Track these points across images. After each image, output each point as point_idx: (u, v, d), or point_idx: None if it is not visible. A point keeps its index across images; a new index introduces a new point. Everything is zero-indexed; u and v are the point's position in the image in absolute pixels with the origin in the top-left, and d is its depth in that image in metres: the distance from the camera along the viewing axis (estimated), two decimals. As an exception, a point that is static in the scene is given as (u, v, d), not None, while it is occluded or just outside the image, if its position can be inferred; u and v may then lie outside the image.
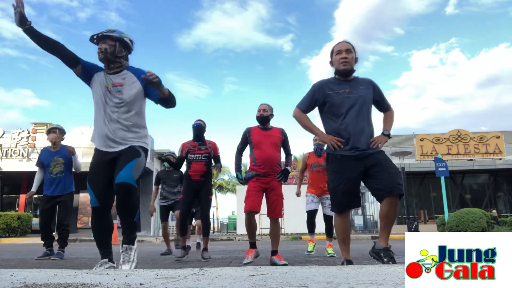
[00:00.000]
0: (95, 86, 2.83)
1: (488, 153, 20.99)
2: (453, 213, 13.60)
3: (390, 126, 3.08)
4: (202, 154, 4.64)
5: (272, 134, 3.93)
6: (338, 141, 2.83)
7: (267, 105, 4.02)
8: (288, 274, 1.79)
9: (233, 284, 1.51)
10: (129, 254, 2.68)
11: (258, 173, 3.79)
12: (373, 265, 2.45)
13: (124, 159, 2.69)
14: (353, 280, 1.56)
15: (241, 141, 4.03)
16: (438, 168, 14.06)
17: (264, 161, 3.79)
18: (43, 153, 5.09)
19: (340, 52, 2.95)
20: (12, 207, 20.38)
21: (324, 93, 2.97)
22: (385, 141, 2.93)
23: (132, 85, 2.82)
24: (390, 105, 3.14)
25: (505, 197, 22.04)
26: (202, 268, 2.05)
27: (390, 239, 2.98)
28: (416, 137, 21.80)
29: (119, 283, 1.56)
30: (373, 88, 3.02)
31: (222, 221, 29.55)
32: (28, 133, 20.78)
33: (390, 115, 3.13)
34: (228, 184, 35.28)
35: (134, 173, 2.67)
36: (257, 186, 3.78)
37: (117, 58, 2.83)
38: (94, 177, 2.77)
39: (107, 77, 2.83)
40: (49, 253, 4.88)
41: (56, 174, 4.93)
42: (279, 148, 3.95)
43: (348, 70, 2.95)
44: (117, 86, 2.79)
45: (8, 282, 1.60)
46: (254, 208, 3.75)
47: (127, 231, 2.73)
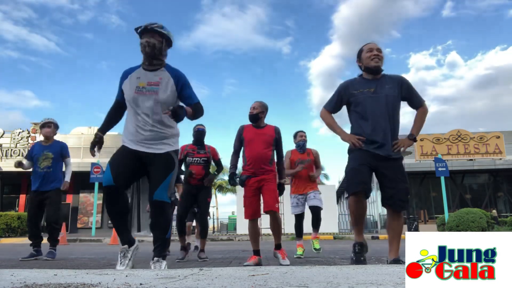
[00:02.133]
0: (126, 90, 2.79)
1: (488, 153, 20.99)
2: (453, 213, 13.61)
3: (417, 129, 3.03)
4: (200, 157, 4.64)
5: (265, 133, 3.84)
6: (358, 139, 2.85)
7: (258, 103, 3.92)
8: (288, 274, 1.79)
9: (233, 284, 1.51)
10: (160, 264, 2.67)
11: (249, 175, 3.73)
12: (373, 265, 2.45)
13: (160, 173, 2.69)
14: (353, 280, 1.56)
15: (236, 140, 3.94)
16: (438, 168, 14.07)
17: (253, 159, 3.72)
18: (35, 146, 4.96)
19: (372, 49, 2.98)
20: (12, 207, 20.36)
21: (349, 92, 3.00)
22: (409, 145, 2.93)
23: (167, 85, 2.76)
24: (422, 102, 3.05)
25: (505, 197, 22.04)
26: (202, 268, 2.05)
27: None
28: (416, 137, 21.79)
29: (119, 283, 1.56)
30: (401, 85, 3.00)
31: (222, 221, 29.55)
32: (28, 133, 20.79)
33: (421, 114, 3.05)
34: (228, 184, 35.27)
35: (169, 190, 2.73)
36: (251, 191, 3.72)
37: (160, 56, 2.80)
38: (116, 159, 2.72)
39: (143, 75, 2.77)
40: (35, 253, 4.69)
41: (42, 169, 4.75)
42: (271, 146, 3.82)
43: (379, 66, 2.96)
44: (153, 85, 2.74)
45: (8, 282, 1.60)
46: (254, 216, 3.73)
47: (160, 247, 2.72)
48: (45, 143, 4.95)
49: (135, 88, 2.73)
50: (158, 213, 2.71)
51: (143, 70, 2.80)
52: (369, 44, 3.05)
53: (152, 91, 2.72)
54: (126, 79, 2.81)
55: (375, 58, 2.94)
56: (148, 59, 2.78)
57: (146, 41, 2.72)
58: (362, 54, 3.03)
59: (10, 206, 20.43)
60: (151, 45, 2.72)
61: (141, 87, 2.73)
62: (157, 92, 2.72)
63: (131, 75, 2.80)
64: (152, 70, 2.79)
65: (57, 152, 4.89)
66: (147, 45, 2.71)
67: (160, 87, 2.73)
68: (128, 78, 2.80)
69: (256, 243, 3.77)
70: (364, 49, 3.04)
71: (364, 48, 3.05)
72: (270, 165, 3.78)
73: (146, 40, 2.72)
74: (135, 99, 2.72)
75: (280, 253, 3.78)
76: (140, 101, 2.71)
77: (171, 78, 2.78)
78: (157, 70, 2.80)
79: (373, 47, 3.00)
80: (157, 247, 2.71)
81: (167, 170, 2.72)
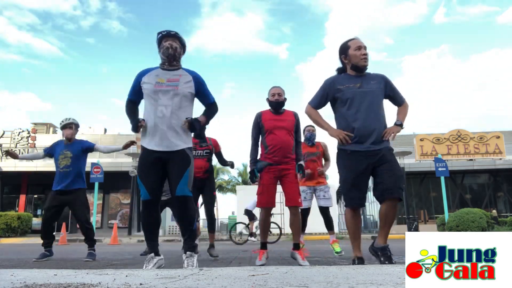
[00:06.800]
0: (145, 85, 2.97)
1: (488, 153, 20.97)
2: (453, 213, 13.59)
3: (403, 117, 3.07)
4: (203, 150, 4.66)
5: (285, 119, 3.66)
6: (346, 135, 2.85)
7: (280, 88, 3.73)
8: (288, 274, 1.79)
9: (233, 284, 1.51)
10: (192, 260, 2.87)
11: (270, 163, 3.55)
12: (373, 265, 2.45)
13: (179, 168, 2.87)
14: (353, 280, 1.56)
15: (253, 128, 3.72)
16: (438, 168, 14.05)
17: (277, 147, 3.53)
18: (57, 144, 4.94)
19: (360, 48, 2.96)
20: (12, 207, 20.35)
21: (335, 88, 3.00)
22: (398, 131, 2.96)
23: (187, 82, 3.00)
24: (404, 99, 3.13)
25: (505, 197, 22.02)
26: (202, 268, 2.05)
27: (390, 239, 3.01)
28: (416, 137, 21.79)
29: (119, 283, 1.56)
30: (385, 83, 3.03)
31: (222, 221, 29.51)
32: (28, 133, 20.79)
33: (404, 108, 3.12)
34: (228, 184, 35.25)
35: (189, 183, 2.90)
36: (271, 178, 3.54)
37: (179, 58, 3.08)
38: (144, 172, 2.91)
39: (162, 74, 2.99)
40: (48, 254, 4.71)
41: (62, 168, 4.72)
42: (292, 133, 3.65)
43: (367, 66, 2.98)
44: (172, 82, 2.96)
45: (8, 282, 1.60)
46: (270, 204, 3.56)
47: (189, 239, 2.93)
48: (66, 142, 4.92)
49: (155, 83, 2.95)
50: (183, 207, 2.90)
51: (162, 70, 3.03)
52: (355, 40, 3.02)
53: (172, 86, 2.95)
54: (144, 76, 3.01)
55: (364, 58, 2.95)
56: (169, 60, 3.02)
57: (169, 43, 2.99)
58: (350, 51, 2.99)
59: (10, 206, 20.42)
60: (174, 47, 3.00)
61: (161, 83, 2.95)
62: (177, 87, 2.95)
63: (150, 73, 3.01)
64: (171, 70, 3.03)
65: (78, 150, 4.82)
66: (171, 47, 2.98)
67: (179, 83, 2.97)
68: (147, 75, 3.00)
69: (266, 235, 3.66)
70: (350, 45, 3.00)
71: (350, 44, 3.01)
72: (292, 153, 3.64)
73: (169, 42, 2.99)
74: (155, 92, 2.92)
75: (299, 254, 3.53)
76: (161, 94, 2.92)
77: (190, 76, 3.04)
78: (176, 70, 3.04)
79: (361, 44, 2.98)
80: (186, 239, 2.93)
81: (184, 166, 2.89)
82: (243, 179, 34.51)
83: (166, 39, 3.01)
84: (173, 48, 2.99)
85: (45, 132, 23.18)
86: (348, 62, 3.02)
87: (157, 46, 3.08)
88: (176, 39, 3.03)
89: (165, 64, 3.04)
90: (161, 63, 3.07)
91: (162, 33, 3.03)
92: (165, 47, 2.98)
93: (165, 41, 3.01)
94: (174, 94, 2.92)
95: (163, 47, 2.99)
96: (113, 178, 17.91)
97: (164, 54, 3.00)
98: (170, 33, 3.02)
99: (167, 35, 3.02)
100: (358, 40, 3.01)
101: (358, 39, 3.02)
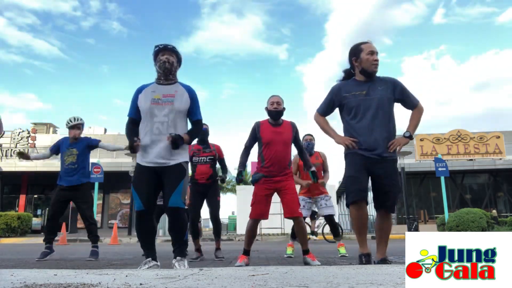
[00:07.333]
0: (142, 103, 2.97)
1: (488, 153, 20.96)
2: (453, 213, 13.59)
3: (413, 127, 2.99)
4: (207, 156, 4.66)
5: (283, 131, 3.66)
6: (352, 141, 2.85)
7: (279, 97, 3.71)
8: (288, 274, 1.79)
9: (233, 284, 1.51)
10: (183, 263, 2.88)
11: (266, 175, 3.57)
12: (373, 265, 2.45)
13: (173, 179, 2.88)
14: (353, 280, 1.56)
15: (249, 137, 3.74)
16: (438, 168, 14.05)
17: (274, 161, 3.56)
18: (63, 141, 5.02)
19: (373, 53, 2.90)
20: (12, 207, 20.35)
21: (341, 95, 2.97)
22: (405, 143, 2.91)
23: (183, 97, 2.99)
24: (416, 102, 3.01)
25: (505, 197, 22.02)
26: (202, 268, 2.05)
27: (390, 239, 3.01)
28: (416, 137, 21.76)
29: (119, 283, 1.56)
30: (394, 87, 2.96)
31: (222, 221, 29.46)
32: (28, 133, 20.77)
33: (417, 113, 3.01)
34: (228, 184, 35.23)
35: (183, 195, 2.91)
36: (265, 190, 3.57)
37: (175, 73, 3.08)
38: (139, 183, 2.93)
39: (158, 89, 2.98)
40: (49, 251, 4.75)
41: (68, 165, 4.83)
42: (290, 145, 3.69)
43: (376, 72, 2.95)
44: (168, 97, 2.95)
45: (8, 282, 1.60)
46: (261, 216, 3.59)
47: (179, 249, 2.94)
48: (72, 140, 4.98)
49: (150, 99, 2.94)
50: (175, 218, 2.91)
51: (158, 85, 3.02)
52: (368, 44, 2.96)
53: (168, 102, 2.94)
54: (140, 94, 3.01)
55: (375, 64, 2.90)
56: (165, 75, 3.01)
57: (166, 57, 2.98)
58: (362, 55, 2.91)
59: (10, 206, 20.42)
60: (170, 62, 2.99)
61: (157, 99, 2.94)
62: (173, 102, 2.94)
63: (146, 90, 3.01)
64: (167, 85, 3.02)
65: (83, 147, 4.93)
66: (167, 61, 2.97)
67: (175, 98, 2.96)
68: (143, 92, 3.00)
69: (250, 244, 3.67)
70: (363, 48, 2.93)
71: (363, 47, 2.93)
72: (289, 167, 3.68)
73: (166, 57, 2.98)
74: (151, 109, 2.92)
75: (309, 257, 3.64)
76: (157, 110, 2.92)
77: (185, 91, 3.03)
78: (172, 84, 3.03)
79: (374, 50, 2.92)
80: (176, 248, 2.93)
81: (179, 178, 2.90)
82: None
83: (163, 53, 2.99)
84: (170, 63, 2.98)
85: (45, 132, 23.19)
86: (359, 65, 2.95)
87: (153, 59, 3.04)
88: (173, 53, 3.02)
89: (161, 79, 3.03)
90: (157, 77, 3.06)
91: (159, 46, 3.00)
92: (162, 61, 2.97)
93: (162, 55, 2.98)
94: (169, 110, 2.92)
95: (160, 61, 2.98)
96: (113, 178, 17.90)
97: (160, 68, 2.99)
98: (167, 47, 3.01)
99: (164, 48, 3.00)
100: (372, 44, 2.95)
101: (371, 44, 2.95)
